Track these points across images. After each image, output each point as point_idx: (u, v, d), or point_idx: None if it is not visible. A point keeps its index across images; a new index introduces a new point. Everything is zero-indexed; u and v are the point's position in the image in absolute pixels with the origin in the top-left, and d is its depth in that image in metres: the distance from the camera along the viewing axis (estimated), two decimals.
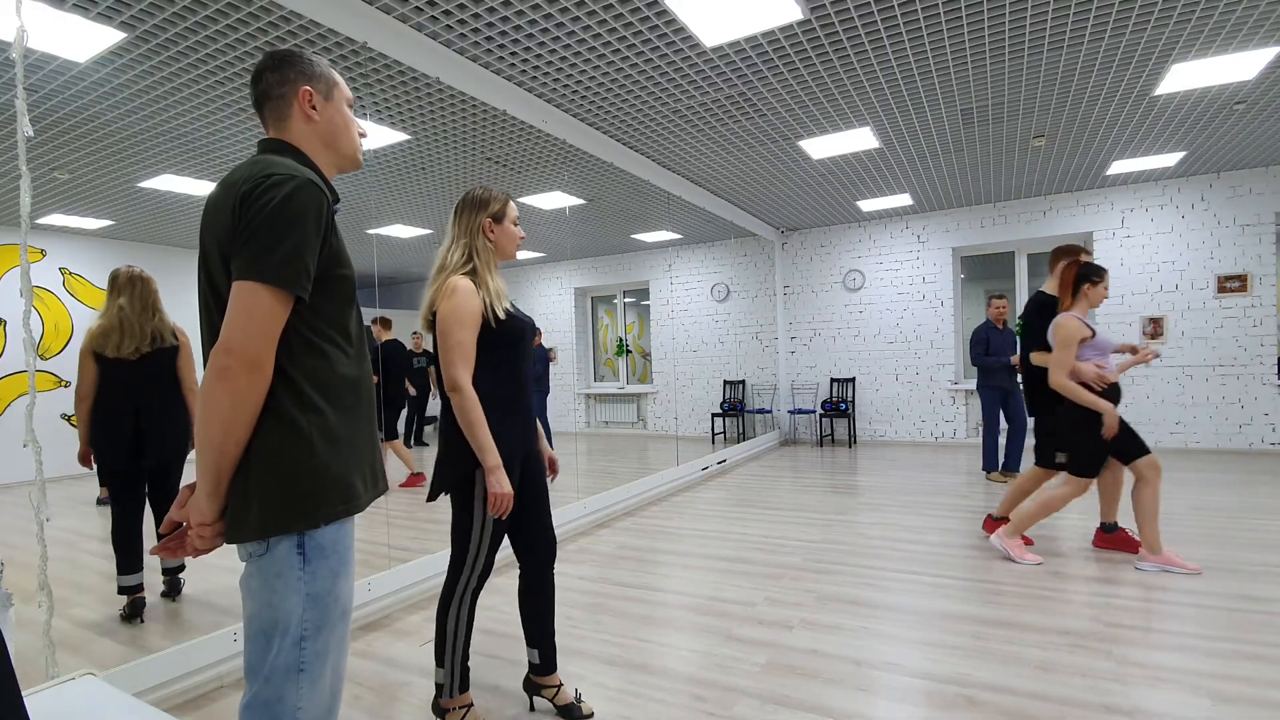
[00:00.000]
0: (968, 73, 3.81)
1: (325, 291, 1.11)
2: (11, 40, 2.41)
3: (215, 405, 1.01)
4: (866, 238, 7.87)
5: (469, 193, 1.91)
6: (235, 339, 1.01)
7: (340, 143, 1.24)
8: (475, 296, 1.78)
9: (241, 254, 1.03)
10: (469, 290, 1.77)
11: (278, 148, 1.18)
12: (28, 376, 1.83)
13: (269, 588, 1.07)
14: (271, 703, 1.06)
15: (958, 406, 7.39)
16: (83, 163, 4.78)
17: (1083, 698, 1.98)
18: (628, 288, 9.95)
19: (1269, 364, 6.09)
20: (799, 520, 4.26)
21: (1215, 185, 6.24)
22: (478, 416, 1.74)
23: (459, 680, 1.88)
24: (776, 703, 2.03)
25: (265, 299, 1.03)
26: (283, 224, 1.04)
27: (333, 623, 1.11)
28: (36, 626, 1.92)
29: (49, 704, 0.98)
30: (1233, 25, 3.36)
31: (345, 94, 1.26)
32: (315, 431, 1.08)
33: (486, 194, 1.90)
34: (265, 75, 1.19)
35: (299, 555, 1.07)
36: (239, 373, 1.02)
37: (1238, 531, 3.61)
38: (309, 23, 2.98)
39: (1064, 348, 3.07)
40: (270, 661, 1.06)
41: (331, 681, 1.13)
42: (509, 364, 1.85)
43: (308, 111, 1.19)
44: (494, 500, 1.74)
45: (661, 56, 3.50)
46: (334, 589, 1.11)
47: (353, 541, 1.17)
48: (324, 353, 1.11)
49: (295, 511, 1.06)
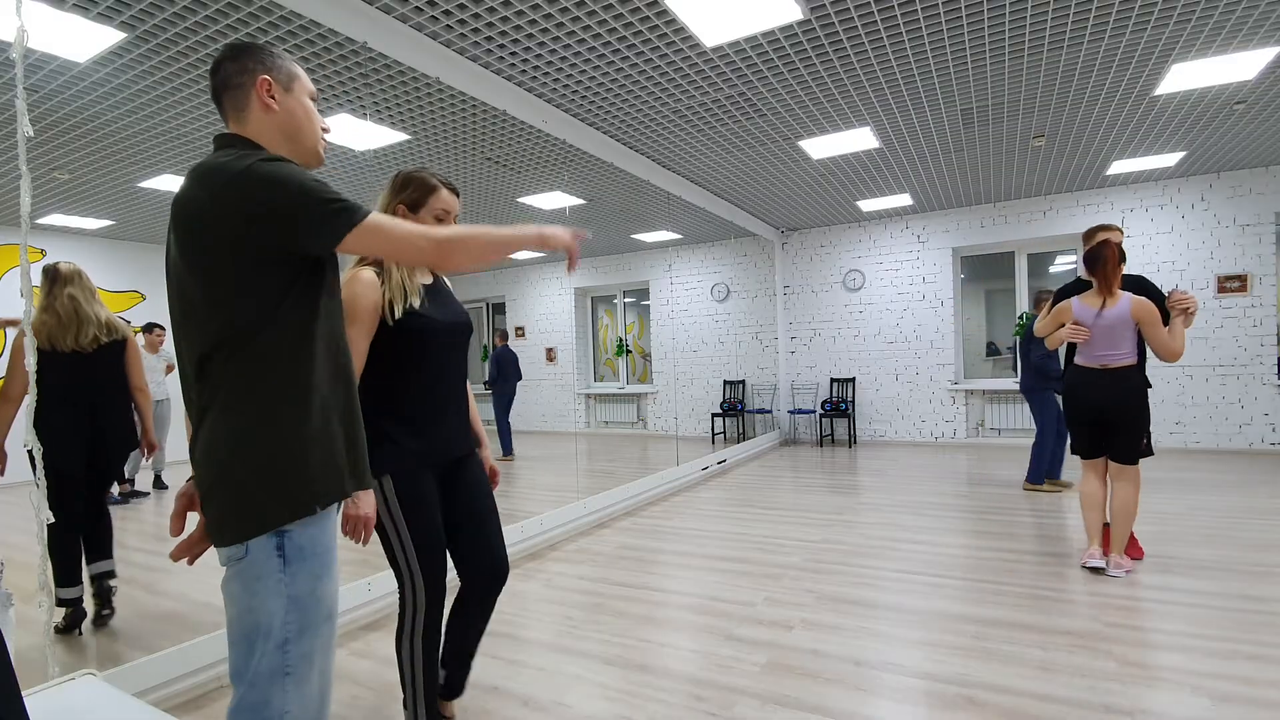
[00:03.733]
0: (968, 73, 3.81)
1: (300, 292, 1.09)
2: (11, 40, 2.41)
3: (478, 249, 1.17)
4: (866, 238, 7.87)
5: (399, 173, 1.66)
6: (424, 245, 1.12)
7: (301, 135, 1.21)
8: (372, 290, 1.54)
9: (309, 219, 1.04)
10: (363, 282, 1.54)
11: (235, 142, 1.14)
12: (28, 376, 1.83)
13: (249, 591, 1.05)
14: (258, 707, 1.05)
15: (957, 407, 7.38)
16: (83, 163, 4.78)
17: (1083, 698, 1.98)
18: (628, 288, 9.95)
19: (1269, 364, 6.09)
20: (799, 520, 4.26)
21: (1215, 185, 6.24)
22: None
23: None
24: (776, 703, 2.03)
25: (375, 218, 1.07)
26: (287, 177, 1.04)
27: (316, 625, 1.09)
28: (36, 626, 1.92)
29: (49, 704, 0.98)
30: (1233, 25, 3.36)
31: (307, 87, 1.23)
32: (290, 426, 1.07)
33: (410, 176, 1.64)
34: (224, 65, 1.16)
35: (279, 557, 1.06)
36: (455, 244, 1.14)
37: (1238, 531, 3.61)
38: (309, 22, 2.98)
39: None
40: (254, 666, 1.05)
41: (319, 685, 1.11)
42: (412, 366, 1.62)
43: (266, 101, 1.16)
44: (344, 521, 1.35)
45: (661, 56, 3.50)
46: (316, 591, 1.09)
47: (334, 543, 1.15)
48: (294, 353, 1.09)
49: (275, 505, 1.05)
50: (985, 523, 3.98)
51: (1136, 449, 2.99)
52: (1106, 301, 3.03)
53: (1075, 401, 3.11)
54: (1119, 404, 2.97)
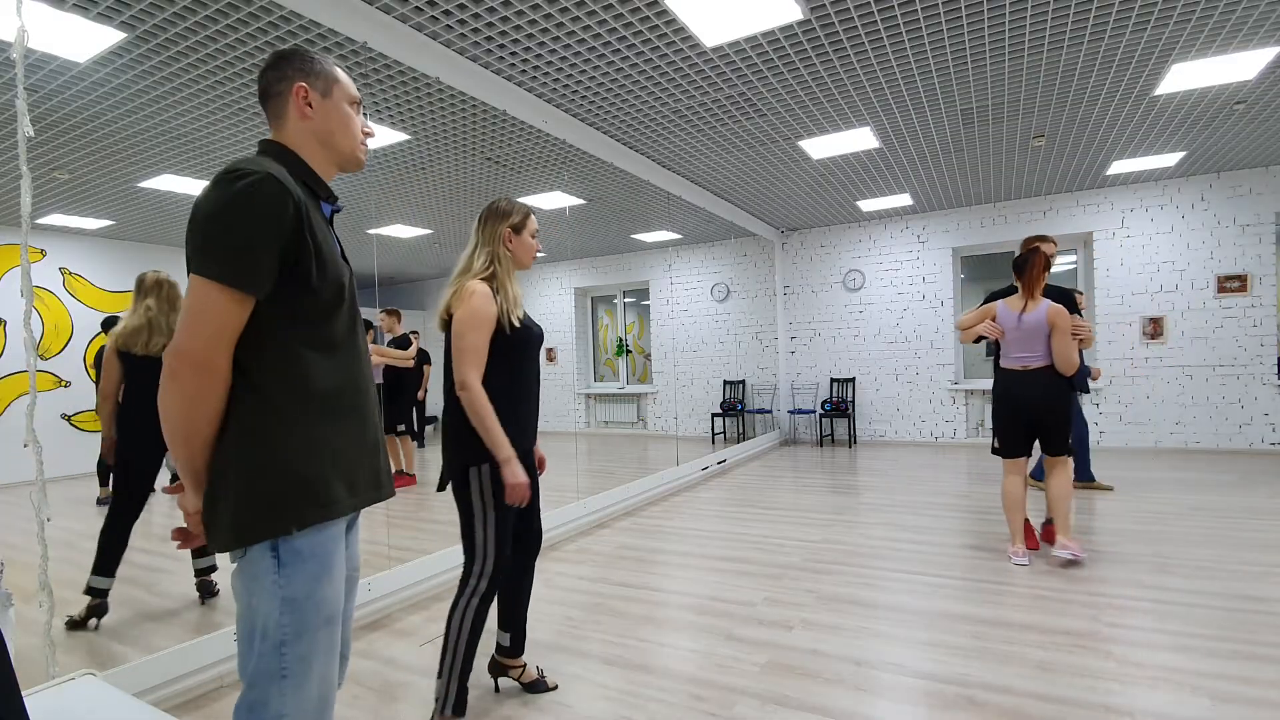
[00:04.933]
0: (968, 73, 3.81)
1: (304, 293, 1.08)
2: (11, 40, 2.41)
3: (167, 405, 1.01)
4: (866, 238, 7.87)
5: (494, 202, 1.99)
6: (182, 340, 1.00)
7: (337, 140, 1.21)
8: (492, 302, 1.84)
9: (190, 248, 1.02)
10: (486, 295, 1.84)
11: (266, 149, 1.17)
12: (28, 376, 1.83)
13: (248, 590, 1.06)
14: (256, 706, 1.05)
15: (957, 407, 7.39)
16: (83, 163, 4.78)
17: (1083, 698, 1.98)
18: (628, 288, 9.95)
19: (1269, 364, 6.09)
20: (799, 520, 4.26)
21: (1215, 185, 6.24)
22: (488, 411, 1.78)
23: (454, 700, 1.83)
24: (776, 703, 2.03)
25: (214, 296, 1.00)
26: (232, 218, 1.00)
27: (314, 628, 1.08)
28: (36, 626, 1.92)
29: (49, 704, 0.98)
30: (1233, 25, 3.36)
31: (348, 92, 1.23)
32: (284, 437, 1.06)
33: (510, 205, 1.97)
34: (266, 73, 1.19)
35: (273, 559, 1.05)
36: (186, 374, 1.00)
37: (1238, 531, 3.61)
38: (309, 23, 2.98)
39: None
40: (253, 664, 1.05)
41: (319, 689, 1.10)
42: (515, 369, 1.91)
43: (302, 108, 1.17)
44: (510, 490, 1.79)
45: (661, 56, 3.50)
46: (314, 594, 1.08)
47: (339, 547, 1.13)
48: (299, 357, 1.08)
49: (266, 517, 1.04)
50: (985, 523, 3.98)
51: (1067, 440, 3.21)
52: (1027, 305, 3.21)
53: (1008, 401, 3.29)
54: (1046, 401, 3.19)
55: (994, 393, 3.37)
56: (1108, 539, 3.57)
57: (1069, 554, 3.15)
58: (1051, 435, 3.21)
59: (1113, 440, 6.68)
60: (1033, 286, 3.20)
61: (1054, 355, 3.14)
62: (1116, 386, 6.66)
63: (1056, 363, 3.14)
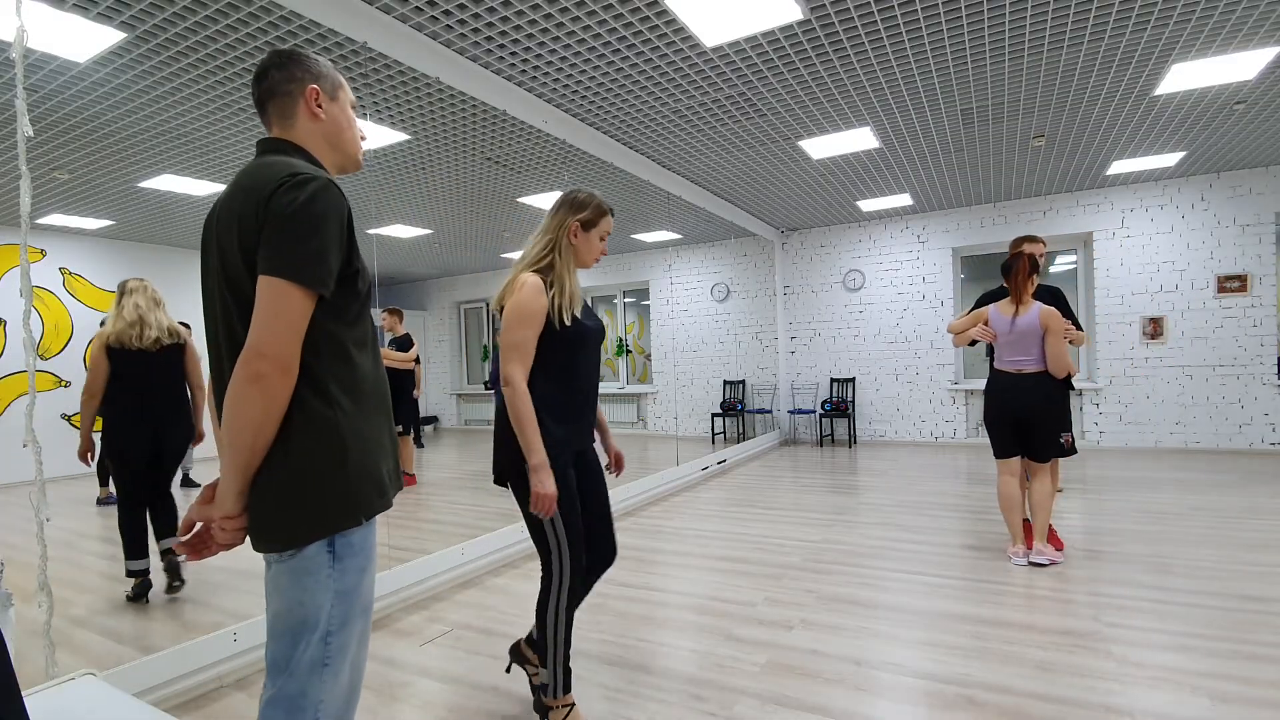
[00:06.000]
0: (968, 73, 3.81)
1: (348, 290, 1.12)
2: (11, 40, 2.41)
3: (248, 409, 1.00)
4: (866, 238, 7.87)
5: (573, 191, 1.89)
6: (267, 341, 1.00)
7: (343, 142, 1.25)
8: (542, 295, 1.76)
9: (268, 251, 1.02)
10: (536, 288, 1.76)
11: (282, 147, 1.17)
12: (28, 376, 1.83)
13: (298, 585, 1.07)
14: (295, 697, 1.07)
15: (957, 406, 7.39)
16: (83, 163, 4.78)
17: (1083, 698, 1.98)
18: (628, 288, 9.95)
19: (1269, 364, 6.09)
20: (799, 520, 4.26)
21: (1215, 185, 6.24)
22: (527, 413, 1.72)
23: (562, 680, 1.89)
24: (776, 703, 2.03)
25: (295, 298, 1.01)
26: (310, 222, 1.03)
27: (354, 618, 1.12)
28: (36, 626, 1.92)
29: (49, 704, 0.98)
30: (1233, 25, 3.36)
31: (349, 95, 1.28)
32: (347, 431, 1.09)
33: (588, 199, 1.88)
34: (271, 73, 1.18)
35: (329, 553, 1.08)
36: (274, 376, 1.00)
37: (1238, 531, 3.61)
38: (309, 23, 2.98)
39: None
40: (297, 658, 1.07)
41: (350, 676, 1.13)
42: (568, 366, 1.83)
43: (314, 110, 1.19)
44: (535, 500, 1.73)
45: (661, 56, 3.50)
46: (359, 585, 1.12)
47: (375, 537, 1.18)
48: (348, 352, 1.12)
49: (335, 511, 1.06)
50: (985, 523, 3.98)
51: (1051, 449, 3.22)
52: (1019, 309, 3.22)
53: (998, 404, 3.29)
54: (1037, 407, 3.18)
55: (986, 391, 3.38)
56: (1108, 539, 3.57)
57: (1045, 560, 3.15)
58: (1038, 443, 3.20)
59: (1113, 440, 6.68)
60: (1021, 291, 3.21)
61: (1048, 358, 3.14)
62: (1116, 387, 6.66)
63: (1050, 365, 3.14)
